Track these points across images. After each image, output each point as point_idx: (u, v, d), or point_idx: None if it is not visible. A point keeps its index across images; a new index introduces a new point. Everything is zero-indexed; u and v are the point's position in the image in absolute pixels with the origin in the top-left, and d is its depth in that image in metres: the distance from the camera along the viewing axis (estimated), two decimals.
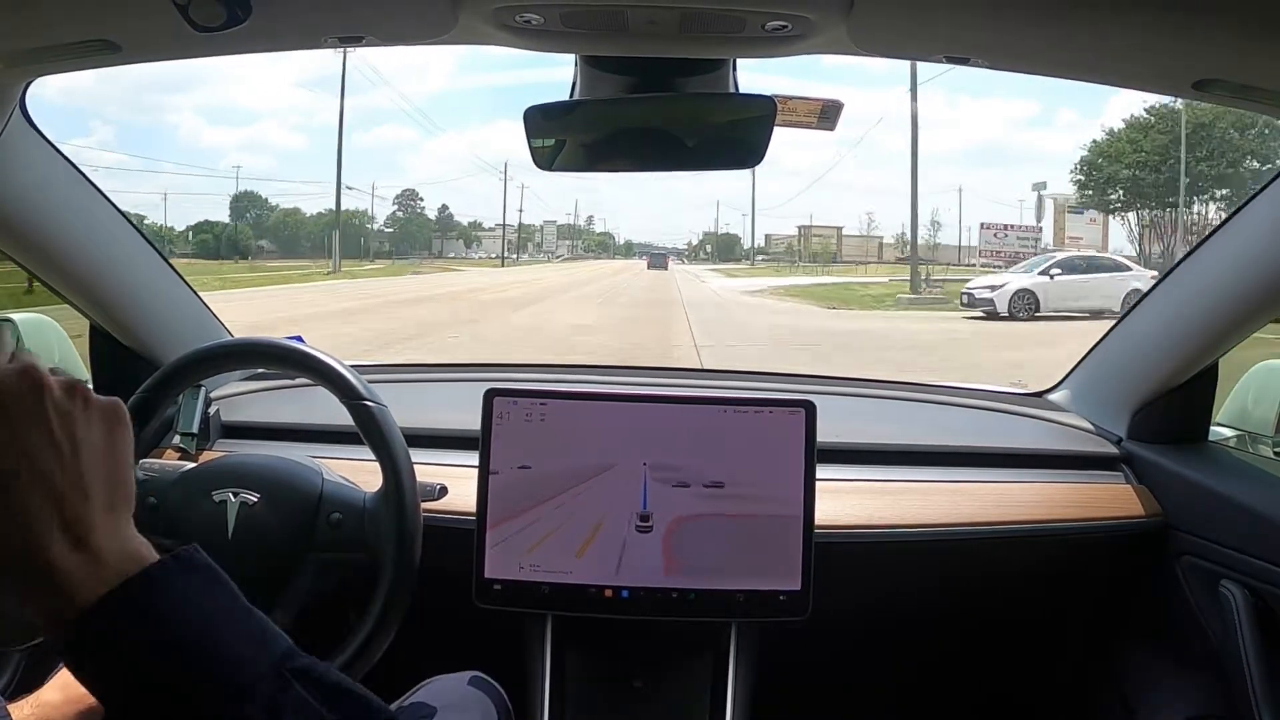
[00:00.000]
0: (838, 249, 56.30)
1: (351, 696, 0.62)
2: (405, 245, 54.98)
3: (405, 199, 58.86)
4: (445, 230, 60.17)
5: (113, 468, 0.61)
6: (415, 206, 59.57)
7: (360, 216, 54.16)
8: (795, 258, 56.84)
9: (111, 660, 0.55)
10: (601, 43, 1.13)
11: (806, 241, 58.39)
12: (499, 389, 1.38)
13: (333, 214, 47.71)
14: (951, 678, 1.91)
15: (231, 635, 0.60)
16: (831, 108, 1.40)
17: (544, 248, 67.47)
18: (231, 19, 0.92)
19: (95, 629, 0.54)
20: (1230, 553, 1.43)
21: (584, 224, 79.49)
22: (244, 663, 0.58)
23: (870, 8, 0.95)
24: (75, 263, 1.52)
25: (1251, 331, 1.46)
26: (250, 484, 1.22)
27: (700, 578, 1.36)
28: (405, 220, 57.79)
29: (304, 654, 0.63)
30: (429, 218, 59.89)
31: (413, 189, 66.10)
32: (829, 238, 57.45)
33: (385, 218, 57.74)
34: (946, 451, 1.68)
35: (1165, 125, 28.27)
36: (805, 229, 60.13)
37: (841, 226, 60.76)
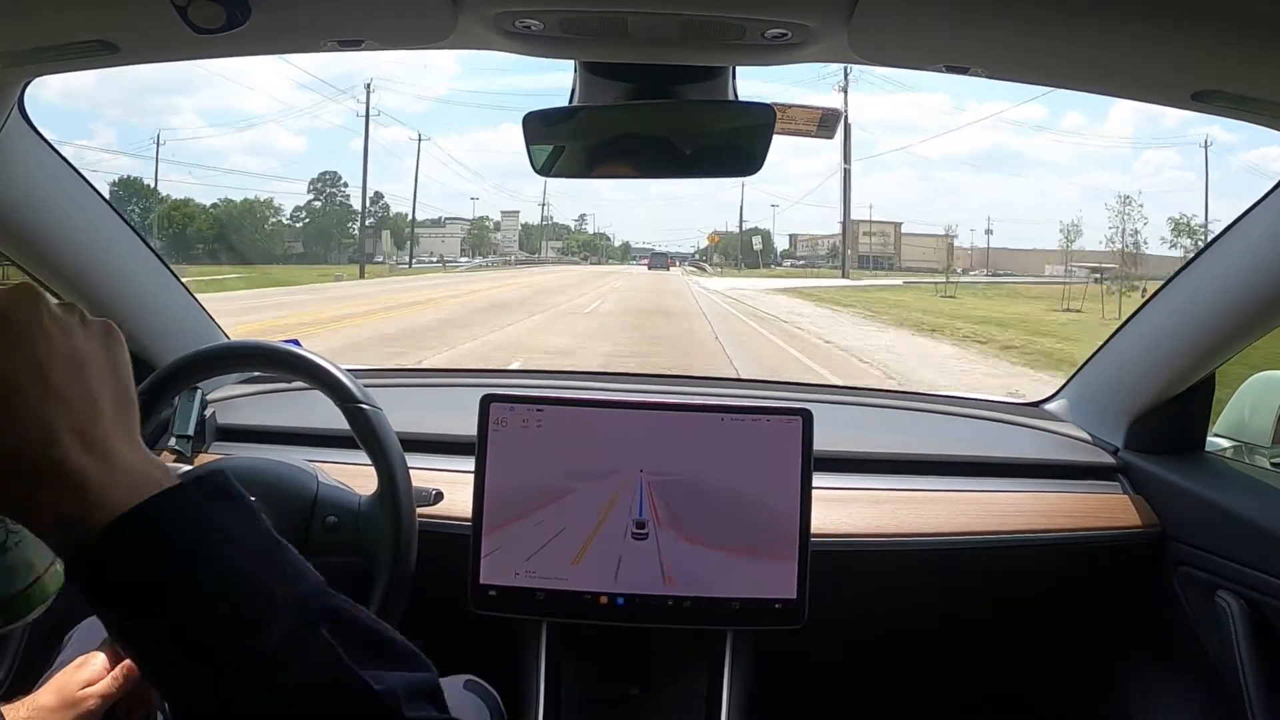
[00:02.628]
0: (895, 251, 49.62)
1: (389, 649, 0.61)
2: (321, 244, 47.29)
3: (324, 184, 50.22)
4: (381, 224, 51.35)
5: (116, 382, 0.60)
6: (337, 194, 50.55)
7: (262, 208, 46.16)
8: (839, 261, 49.15)
9: (133, 578, 0.53)
10: (601, 49, 1.13)
11: (853, 241, 50.09)
12: (496, 395, 1.38)
13: (229, 204, 41.54)
14: (948, 687, 1.91)
15: (255, 566, 0.58)
16: (830, 116, 1.40)
17: (502, 249, 60.55)
18: (231, 21, 0.91)
19: (120, 539, 0.52)
20: (1227, 563, 1.43)
21: (574, 223, 74.47)
22: (267, 596, 0.56)
23: (870, 16, 0.95)
24: (72, 263, 1.52)
25: (1248, 343, 1.46)
26: (245, 486, 1.19)
27: (696, 585, 1.36)
28: (321, 212, 49.26)
29: (338, 594, 0.61)
30: (354, 209, 50.32)
31: (334, 172, 56.39)
32: (881, 237, 50.46)
33: (293, 209, 49.28)
34: (943, 461, 1.68)
35: None
36: (853, 225, 50.75)
37: (900, 223, 53.00)
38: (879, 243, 51.45)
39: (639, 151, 1.28)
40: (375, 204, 53.11)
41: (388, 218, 54.36)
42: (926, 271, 41.58)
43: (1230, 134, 63.90)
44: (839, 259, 50.02)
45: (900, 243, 51.34)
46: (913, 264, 46.59)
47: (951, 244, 47.55)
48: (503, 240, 62.72)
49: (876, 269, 46.92)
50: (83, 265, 1.53)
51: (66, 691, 1.11)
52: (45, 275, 1.50)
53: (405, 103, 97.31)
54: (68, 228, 1.48)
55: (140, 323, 1.66)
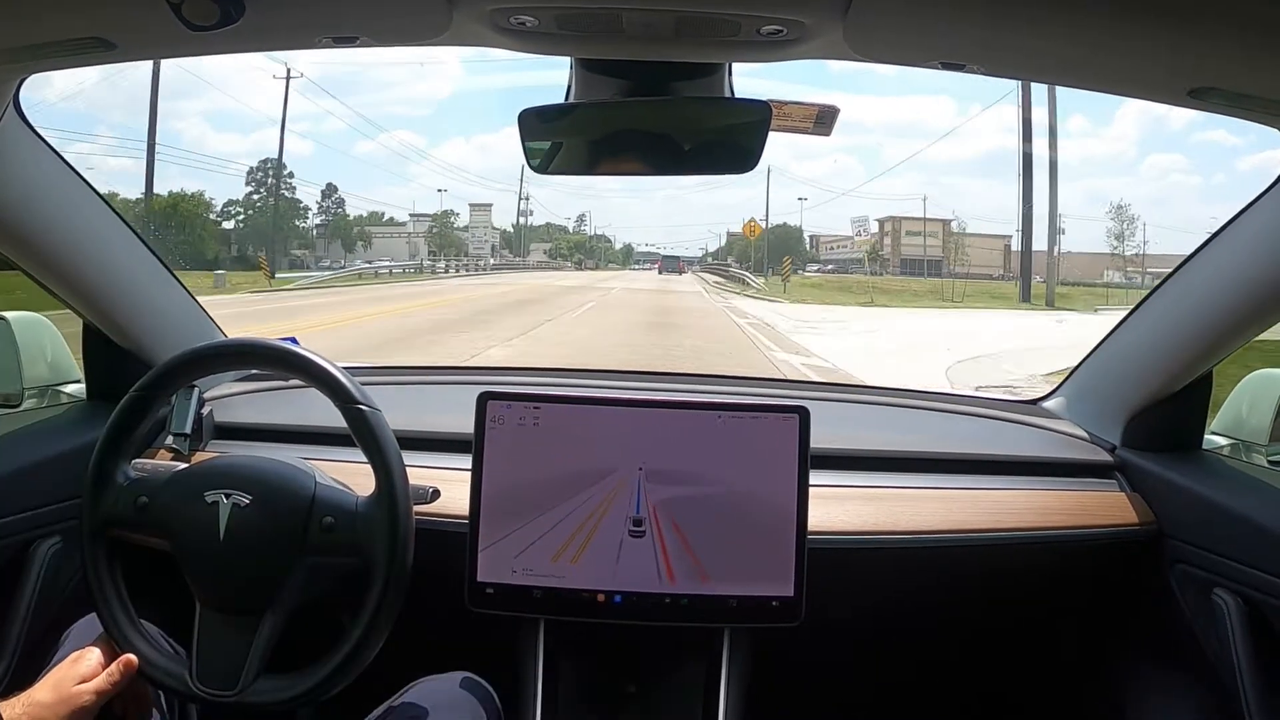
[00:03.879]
0: (948, 253, 42.79)
1: None
2: (259, 244, 39.47)
3: (265, 173, 42.91)
4: (338, 225, 45.62)
5: None
6: (281, 186, 43.01)
7: (189, 203, 37.77)
8: (879, 266, 43.37)
9: None
10: (597, 45, 1.13)
11: (895, 241, 44.80)
12: (493, 392, 1.38)
13: (156, 199, 33.03)
14: (944, 685, 1.91)
15: None
16: (827, 113, 1.40)
17: (472, 251, 51.40)
18: (225, 18, 0.91)
19: None
20: (1224, 561, 1.43)
21: (573, 224, 66.72)
22: None
23: (866, 13, 0.95)
24: (69, 261, 1.52)
25: (1246, 340, 1.46)
26: (243, 486, 1.22)
27: (693, 583, 1.36)
28: (261, 208, 42.17)
29: None
30: (303, 203, 44.81)
31: (274, 159, 46.96)
32: (928, 236, 43.69)
33: (225, 203, 41.76)
34: (940, 458, 1.68)
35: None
36: (894, 223, 45.49)
37: (949, 219, 46.06)
38: (927, 243, 45.02)
39: (635, 148, 1.28)
40: (328, 199, 47.27)
41: (342, 216, 48.04)
42: (985, 278, 37.15)
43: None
44: (878, 263, 44.51)
45: (950, 243, 44.83)
46: (966, 269, 41.01)
47: (1009, 246, 42.03)
48: (472, 240, 53.74)
49: (925, 274, 40.36)
50: (79, 263, 1.53)
51: (62, 688, 1.12)
52: (41, 273, 1.50)
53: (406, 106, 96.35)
54: (64, 225, 1.48)
55: (137, 320, 1.66)
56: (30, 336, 1.81)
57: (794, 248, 49.94)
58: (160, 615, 1.32)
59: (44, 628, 1.46)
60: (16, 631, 1.46)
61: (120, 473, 1.25)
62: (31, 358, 1.79)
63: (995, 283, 36.00)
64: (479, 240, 54.57)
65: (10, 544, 1.47)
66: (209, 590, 1.21)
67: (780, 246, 47.16)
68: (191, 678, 1.18)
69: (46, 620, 1.47)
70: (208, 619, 1.21)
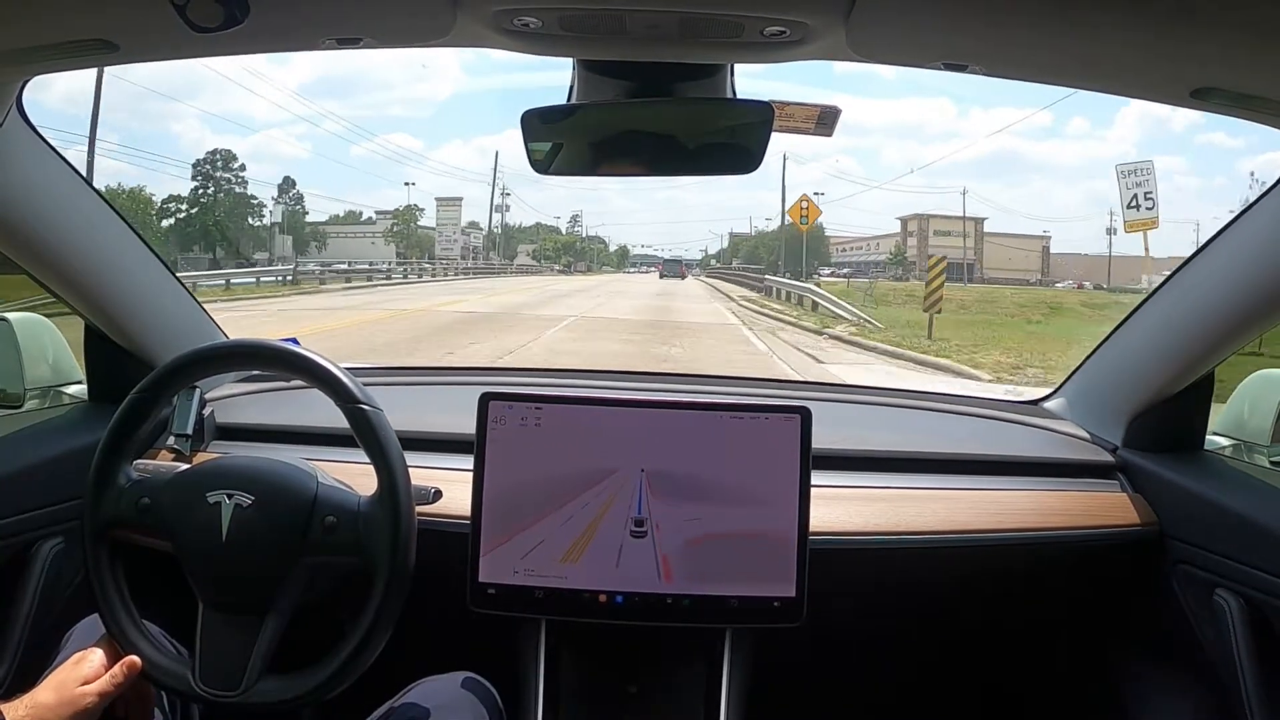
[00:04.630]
0: (978, 256, 38.72)
1: None
2: (201, 243, 35.03)
3: (213, 165, 38.72)
4: (289, 223, 40.27)
5: None
6: (228, 180, 38.58)
7: (128, 199, 33.50)
8: (901, 270, 38.61)
9: None
10: (600, 47, 1.13)
11: (922, 242, 40.10)
12: (495, 393, 1.38)
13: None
14: (946, 685, 1.91)
15: None
16: (829, 113, 1.40)
17: (440, 252, 44.12)
18: (229, 19, 0.91)
19: None
20: (1225, 561, 1.43)
21: (564, 224, 60.45)
22: None
23: (869, 14, 0.95)
24: (71, 263, 1.52)
25: (1247, 341, 1.47)
26: (245, 486, 1.22)
27: (695, 583, 1.36)
28: (205, 204, 37.75)
29: None
30: (255, 199, 39.94)
31: (226, 150, 44.92)
32: (957, 237, 39.24)
33: (165, 197, 37.45)
34: (942, 459, 1.68)
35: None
36: (920, 221, 41.00)
37: (982, 218, 41.56)
38: (957, 245, 39.88)
39: (637, 148, 1.28)
40: (285, 194, 42.04)
41: (300, 213, 42.81)
42: (1021, 284, 33.26)
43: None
44: (901, 267, 39.95)
45: (984, 245, 40.45)
46: (999, 273, 37.03)
47: (1047, 248, 39.30)
48: (439, 239, 46.14)
49: (953, 279, 32.85)
50: (81, 264, 1.54)
51: (65, 689, 1.12)
52: (43, 274, 1.51)
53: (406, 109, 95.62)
54: (66, 227, 1.48)
55: (138, 321, 1.67)
56: (32, 337, 1.81)
57: (815, 248, 43.31)
58: (163, 616, 1.32)
59: (46, 628, 1.46)
60: (18, 632, 1.46)
61: (122, 473, 1.25)
62: (33, 359, 1.80)
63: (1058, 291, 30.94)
64: (447, 239, 47.08)
65: (12, 544, 1.47)
66: (211, 591, 1.21)
67: (798, 247, 39.30)
68: (194, 678, 1.18)
69: (48, 621, 1.48)
70: (210, 619, 1.21)
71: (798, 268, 33.84)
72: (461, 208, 49.48)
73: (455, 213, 48.14)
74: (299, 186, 45.66)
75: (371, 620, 1.19)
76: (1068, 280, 35.57)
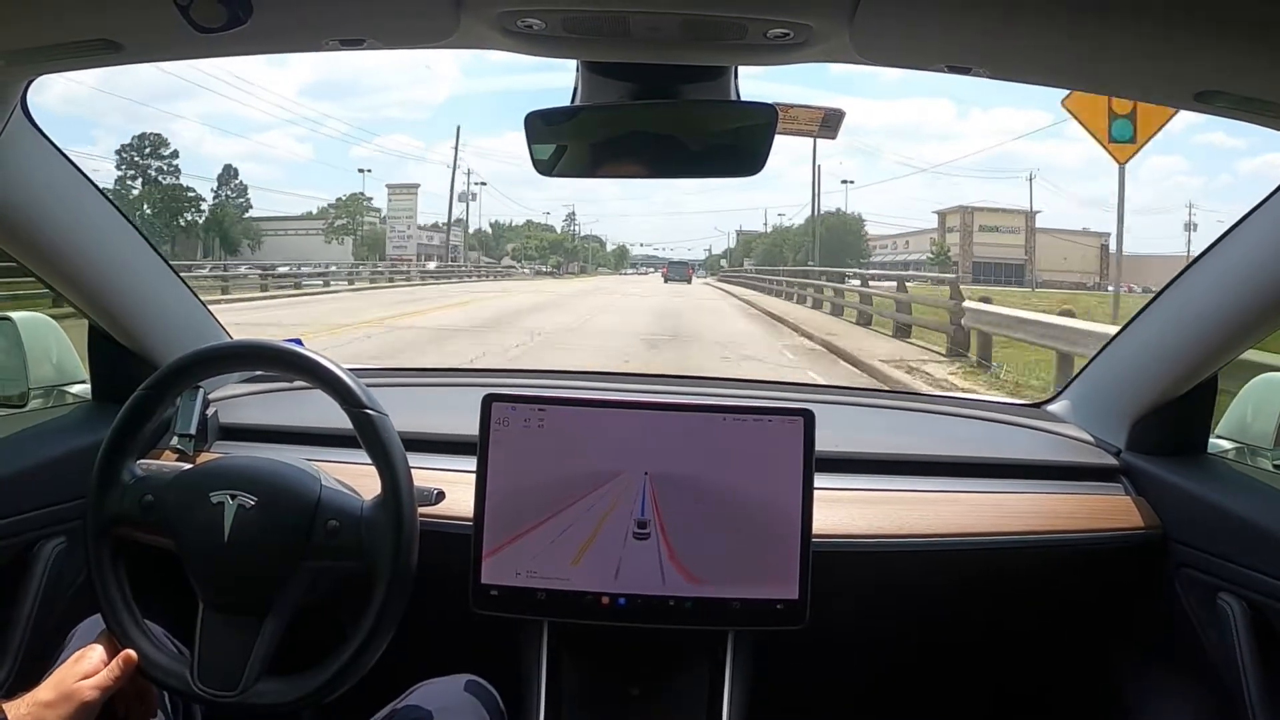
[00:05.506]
0: (1028, 255, 34.86)
1: None
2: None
3: (141, 153, 36.33)
4: (218, 219, 35.75)
5: None
6: (161, 170, 34.61)
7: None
8: (945, 268, 33.18)
9: None
10: (603, 49, 1.13)
11: (965, 239, 35.82)
12: (498, 394, 1.38)
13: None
14: (948, 688, 1.91)
15: None
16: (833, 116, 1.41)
17: (392, 251, 38.04)
18: (233, 20, 0.91)
19: None
20: (1229, 565, 1.42)
21: (555, 221, 54.70)
22: None
23: (873, 17, 0.95)
24: (75, 263, 1.52)
25: (1251, 344, 1.46)
26: (248, 487, 1.22)
27: (697, 585, 1.36)
28: (135, 196, 34.17)
29: None
30: (190, 190, 35.69)
31: (156, 134, 39.50)
32: (1008, 234, 35.22)
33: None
34: (945, 462, 1.68)
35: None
36: (963, 215, 36.17)
37: (1035, 211, 37.12)
38: (1005, 242, 35.87)
39: (641, 151, 1.29)
40: (226, 185, 37.92)
41: (240, 207, 38.01)
42: (1077, 287, 29.38)
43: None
44: (941, 268, 34.57)
45: (1034, 243, 35.82)
46: (1053, 274, 33.25)
47: (1105, 248, 34.35)
48: (391, 236, 39.78)
49: (1003, 282, 30.18)
50: (86, 264, 1.54)
51: (64, 685, 1.12)
52: (48, 275, 1.51)
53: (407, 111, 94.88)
54: (71, 227, 1.48)
55: (142, 321, 1.67)
56: (36, 337, 1.81)
57: (851, 244, 38.54)
58: (166, 615, 1.32)
59: (48, 628, 1.46)
60: (20, 632, 1.46)
61: (126, 470, 1.25)
62: (37, 358, 1.80)
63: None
64: (400, 236, 40.21)
65: (14, 544, 1.47)
66: (212, 590, 1.21)
67: (833, 243, 34.68)
68: (192, 678, 1.18)
69: (51, 621, 1.48)
70: (210, 619, 1.21)
71: (835, 266, 28.49)
72: (418, 196, 41.80)
73: (409, 202, 40.79)
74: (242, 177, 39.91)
75: (372, 624, 1.18)
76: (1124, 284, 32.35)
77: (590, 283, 40.30)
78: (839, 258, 32.45)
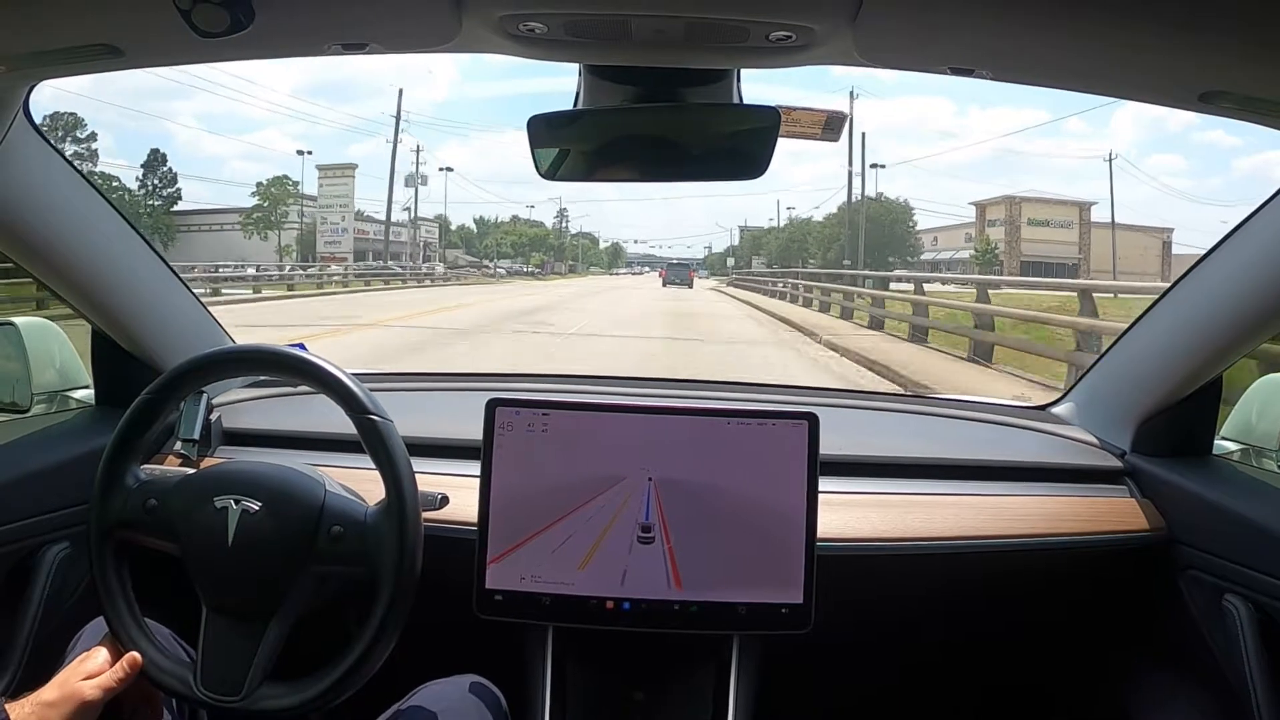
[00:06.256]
0: (1083, 252, 30.41)
1: None
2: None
3: (55, 131, 30.55)
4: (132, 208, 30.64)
5: None
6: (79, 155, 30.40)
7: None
8: (987, 267, 29.33)
9: None
10: (606, 52, 1.13)
11: (1012, 234, 31.01)
12: (501, 399, 1.38)
13: None
14: (954, 690, 1.90)
15: None
16: (836, 119, 1.40)
17: (323, 247, 32.12)
18: (235, 25, 0.91)
19: None
20: (1234, 567, 1.42)
21: (533, 215, 49.28)
22: None
23: (876, 19, 0.95)
24: (78, 267, 1.52)
25: (1256, 344, 1.46)
26: (252, 492, 1.22)
27: (702, 590, 1.35)
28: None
29: None
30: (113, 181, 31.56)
31: (72, 113, 34.23)
32: (1060, 227, 30.53)
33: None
34: (949, 465, 1.67)
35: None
36: (1009, 206, 31.45)
37: (1090, 203, 32.22)
38: (1057, 238, 31.33)
39: (643, 154, 1.29)
40: (153, 175, 33.18)
41: (167, 197, 32.93)
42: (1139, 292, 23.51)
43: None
44: (982, 266, 30.55)
45: (1090, 240, 31.09)
46: (1104, 277, 28.50)
47: (1168, 243, 31.28)
48: (323, 229, 32.83)
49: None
50: (89, 270, 1.54)
51: (67, 685, 1.12)
52: (51, 280, 1.51)
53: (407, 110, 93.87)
54: (73, 232, 1.48)
55: (146, 327, 1.67)
56: (39, 342, 1.81)
57: (900, 237, 32.30)
58: (174, 619, 1.32)
59: (53, 632, 1.46)
60: (24, 636, 1.46)
61: (129, 474, 1.25)
62: (40, 363, 1.80)
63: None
64: (333, 229, 32.82)
65: (19, 549, 1.47)
66: (215, 595, 1.21)
67: (876, 235, 28.97)
68: (196, 682, 1.18)
69: (55, 625, 1.47)
70: (214, 623, 1.21)
71: (879, 264, 23.69)
72: (354, 179, 34.83)
73: (345, 186, 33.63)
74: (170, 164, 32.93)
75: (376, 629, 1.18)
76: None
77: (580, 284, 34.43)
78: (881, 254, 27.84)
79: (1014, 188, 35.17)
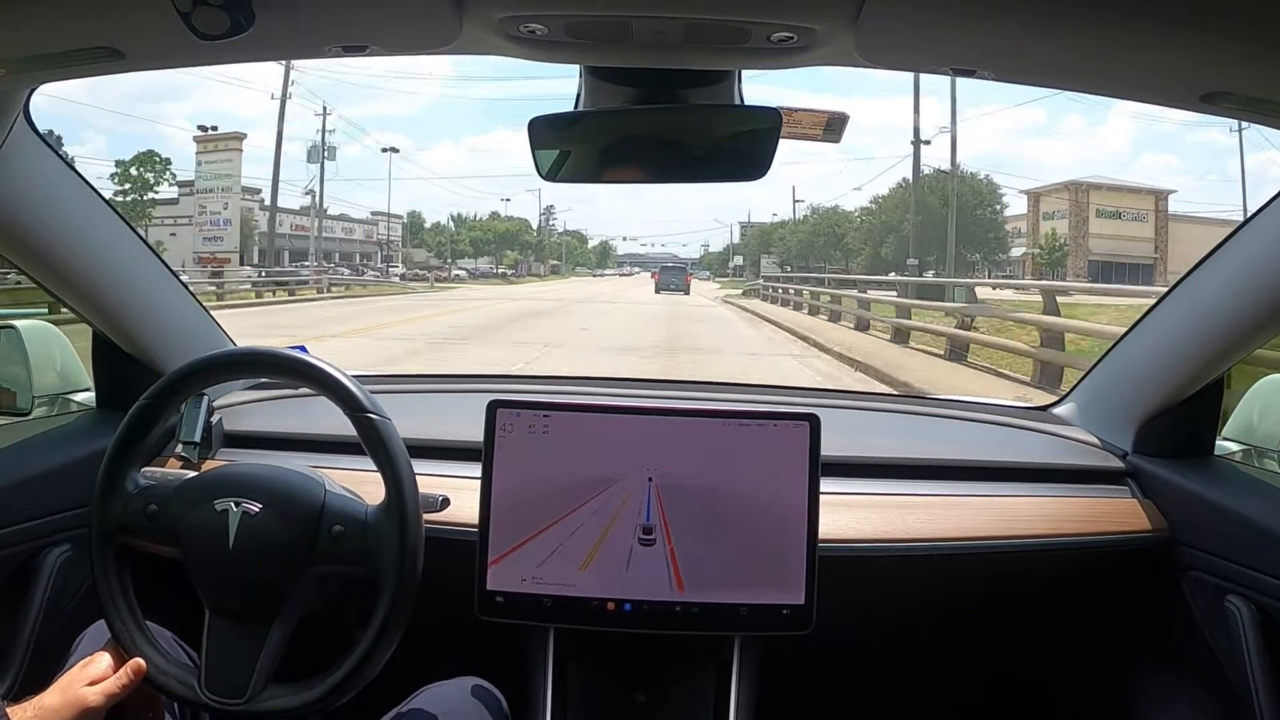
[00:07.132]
0: (1159, 250, 26.23)
1: None
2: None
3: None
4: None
5: None
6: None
7: None
8: (1051, 270, 25.57)
9: None
10: (606, 53, 1.13)
11: (1078, 228, 26.94)
12: (502, 400, 1.38)
13: None
14: (956, 691, 1.90)
15: None
16: (837, 120, 1.40)
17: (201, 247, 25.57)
18: (235, 27, 0.91)
19: None
20: (1236, 567, 1.42)
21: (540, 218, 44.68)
22: None
23: (877, 20, 0.95)
24: (79, 270, 1.52)
25: (1258, 345, 1.46)
26: (253, 494, 1.22)
27: (704, 591, 1.35)
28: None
29: None
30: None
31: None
32: (1132, 220, 26.53)
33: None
34: (951, 465, 1.67)
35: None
36: (1074, 193, 27.19)
37: (1168, 191, 28.45)
38: (1129, 233, 27.07)
39: (645, 156, 1.29)
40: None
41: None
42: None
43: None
44: (1048, 264, 26.79)
45: (1168, 234, 27.07)
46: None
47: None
48: (199, 218, 26.23)
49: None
50: (89, 273, 1.54)
51: (70, 690, 1.12)
52: (52, 282, 1.51)
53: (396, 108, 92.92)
54: (74, 235, 1.49)
55: (146, 329, 1.67)
56: (40, 345, 1.81)
57: (989, 226, 27.30)
58: (176, 622, 1.32)
59: (54, 635, 1.46)
60: (26, 639, 1.46)
61: (130, 479, 1.25)
62: (41, 366, 1.80)
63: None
64: (213, 221, 26.12)
65: (20, 551, 1.47)
66: (218, 598, 1.21)
67: (964, 223, 23.63)
68: (199, 686, 1.18)
69: (56, 628, 1.47)
70: (216, 626, 1.21)
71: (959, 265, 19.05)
72: (242, 150, 27.74)
73: (228, 163, 26.28)
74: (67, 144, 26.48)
75: (378, 629, 1.18)
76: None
77: (557, 289, 29.60)
78: (959, 251, 22.52)
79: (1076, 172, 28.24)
